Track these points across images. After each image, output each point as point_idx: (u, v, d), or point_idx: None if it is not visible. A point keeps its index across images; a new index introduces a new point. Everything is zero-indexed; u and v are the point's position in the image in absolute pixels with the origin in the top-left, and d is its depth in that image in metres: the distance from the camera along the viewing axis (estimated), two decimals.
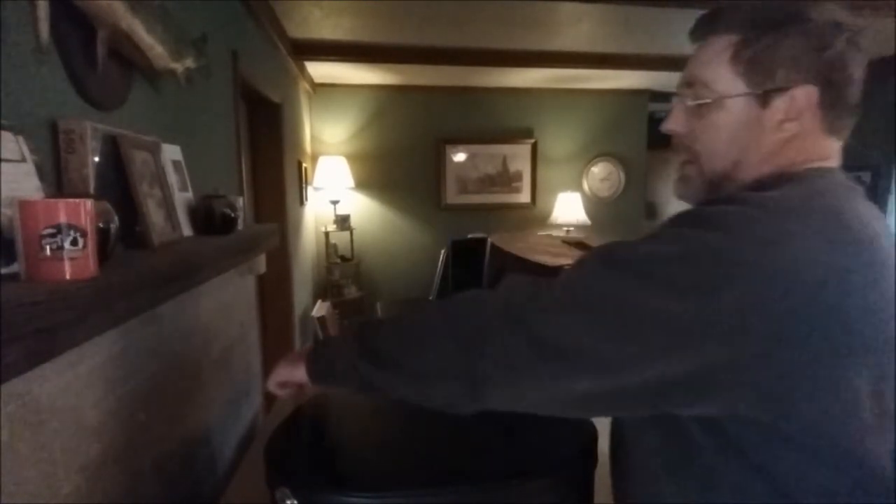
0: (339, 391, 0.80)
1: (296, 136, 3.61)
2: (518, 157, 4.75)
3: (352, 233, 4.34)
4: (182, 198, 1.32)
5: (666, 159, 4.95)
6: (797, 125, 0.66)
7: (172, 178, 1.28)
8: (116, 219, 0.86)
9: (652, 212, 5.78)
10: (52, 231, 0.66)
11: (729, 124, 0.69)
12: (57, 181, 0.90)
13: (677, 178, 0.76)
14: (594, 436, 0.86)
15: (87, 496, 0.87)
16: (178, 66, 1.22)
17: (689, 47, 0.75)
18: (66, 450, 0.81)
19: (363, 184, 4.47)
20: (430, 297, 3.61)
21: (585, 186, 4.91)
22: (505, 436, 0.88)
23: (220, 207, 1.37)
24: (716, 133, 0.70)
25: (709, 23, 0.71)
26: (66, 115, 0.93)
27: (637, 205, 5.04)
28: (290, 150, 3.28)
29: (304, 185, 3.81)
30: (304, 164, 3.84)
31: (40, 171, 0.80)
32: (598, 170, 4.91)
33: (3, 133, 0.73)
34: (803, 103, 0.65)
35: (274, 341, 2.96)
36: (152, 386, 1.12)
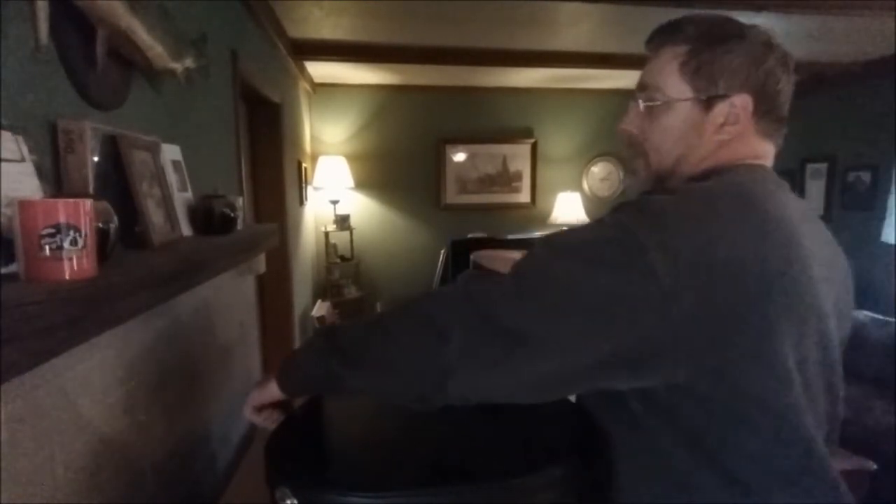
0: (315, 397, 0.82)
1: (296, 136, 3.61)
2: (518, 156, 4.75)
3: (351, 233, 4.34)
4: (181, 198, 1.32)
5: None
6: (735, 129, 0.76)
7: (172, 178, 1.28)
8: (116, 219, 0.86)
9: None
10: (52, 231, 0.66)
11: (675, 125, 0.78)
12: (56, 181, 0.90)
13: (627, 171, 0.93)
14: (595, 432, 0.86)
15: (87, 496, 0.87)
16: (177, 66, 1.22)
17: None
18: (66, 450, 0.81)
19: (363, 184, 4.47)
20: None
21: (585, 186, 4.92)
22: (505, 434, 0.88)
23: (220, 207, 1.37)
24: (663, 133, 0.79)
25: (663, 35, 0.81)
26: (65, 115, 0.93)
27: None
28: (289, 150, 3.28)
29: (303, 185, 3.81)
30: (303, 164, 3.84)
31: (40, 171, 0.80)
32: (598, 169, 4.92)
33: (2, 133, 0.73)
34: (740, 109, 0.75)
35: (274, 341, 2.96)
36: (152, 386, 1.12)
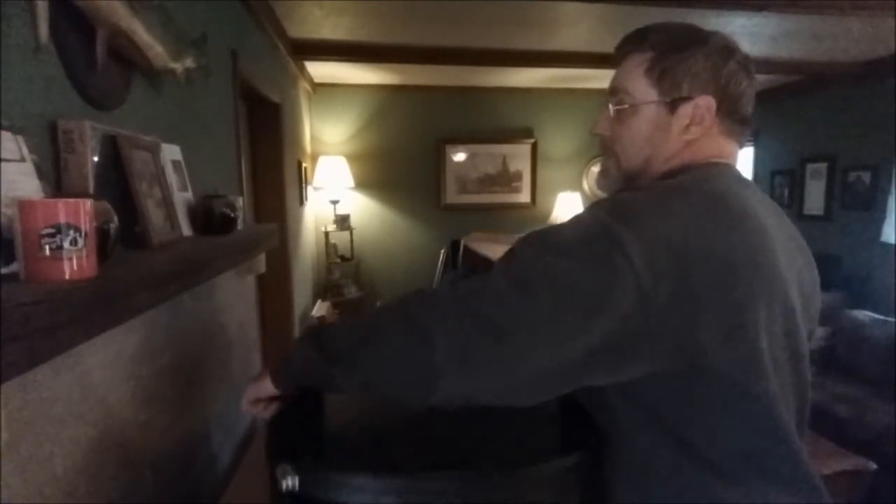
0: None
1: (296, 136, 3.61)
2: (518, 156, 4.75)
3: (352, 232, 4.34)
4: (182, 198, 1.32)
5: None
6: (700, 129, 0.79)
7: (172, 178, 1.28)
8: (116, 219, 0.86)
9: None
10: (52, 231, 0.66)
11: (643, 127, 0.82)
12: (56, 181, 0.90)
13: (599, 171, 0.93)
14: (596, 427, 0.86)
15: (87, 496, 0.87)
16: (177, 66, 1.22)
17: None
18: (66, 450, 0.81)
19: (363, 184, 4.47)
20: None
21: (585, 186, 4.92)
22: (511, 426, 0.88)
23: (220, 207, 1.37)
24: (632, 134, 0.83)
25: (629, 43, 0.84)
26: (65, 115, 0.93)
27: None
28: (289, 150, 3.28)
29: (303, 185, 3.81)
30: (303, 164, 3.84)
31: (40, 171, 0.80)
32: (598, 169, 4.90)
33: (2, 133, 0.73)
34: (705, 110, 0.78)
35: (274, 341, 2.96)
36: (152, 386, 1.12)
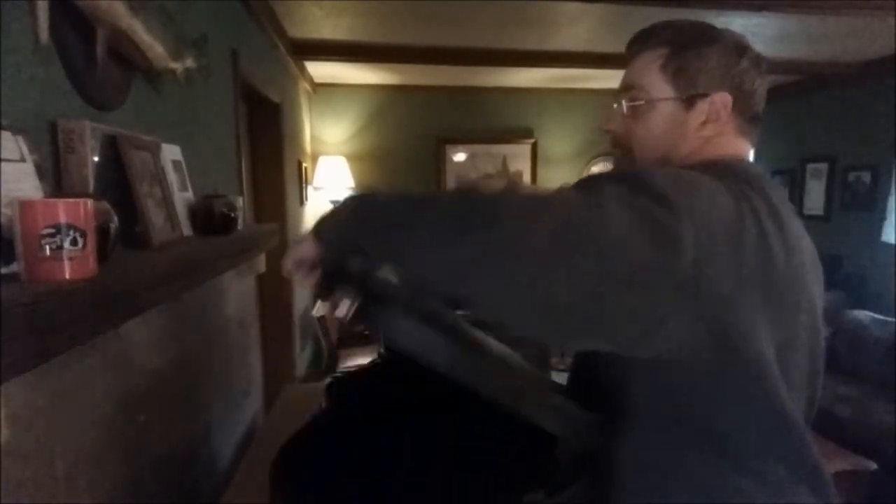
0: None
1: (296, 136, 3.61)
2: (518, 156, 4.75)
3: None
4: (182, 198, 1.32)
5: None
6: (716, 126, 0.78)
7: (172, 178, 1.28)
8: (116, 219, 0.86)
9: None
10: (52, 231, 0.66)
11: (659, 124, 0.80)
12: (56, 181, 0.90)
13: (614, 164, 0.91)
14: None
15: (87, 496, 0.87)
16: (177, 66, 1.22)
17: None
18: (66, 450, 0.81)
19: (363, 184, 4.47)
20: None
21: None
22: (506, 450, 0.89)
23: (220, 207, 1.37)
24: (648, 131, 0.81)
25: (642, 39, 0.84)
26: (65, 115, 0.93)
27: None
28: (290, 150, 3.28)
29: (304, 185, 3.81)
30: (304, 164, 3.84)
31: (40, 171, 0.80)
32: (598, 169, 4.91)
33: (2, 133, 0.73)
34: (720, 107, 0.77)
35: (274, 341, 2.96)
36: (152, 386, 1.12)
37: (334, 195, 4.23)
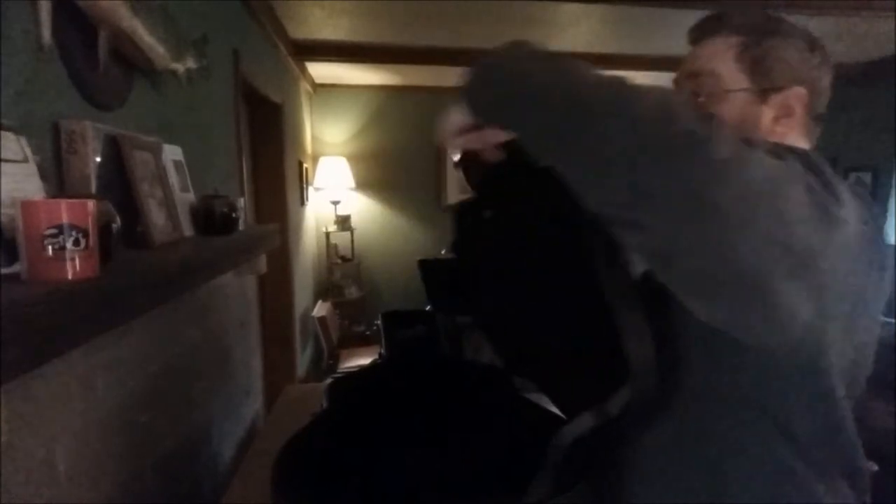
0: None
1: (296, 137, 3.61)
2: None
3: (352, 233, 4.34)
4: (183, 198, 1.32)
5: None
6: (788, 123, 0.74)
7: (173, 179, 1.28)
8: (118, 219, 0.87)
9: None
10: (54, 231, 0.66)
11: (731, 115, 0.73)
12: (58, 181, 0.91)
13: None
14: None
15: (88, 496, 0.87)
16: (178, 67, 1.23)
17: (687, 47, 0.79)
18: (66, 450, 0.82)
19: (364, 184, 4.47)
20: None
21: None
22: (505, 449, 0.89)
23: (221, 208, 1.37)
24: None
25: (713, 24, 0.77)
26: (67, 116, 0.93)
27: None
28: (290, 151, 3.28)
29: (304, 186, 3.82)
30: (304, 165, 3.84)
31: (42, 172, 0.80)
32: None
33: (4, 133, 0.73)
34: (795, 102, 0.73)
35: (274, 341, 2.96)
36: (153, 386, 1.12)
37: (335, 196, 4.24)
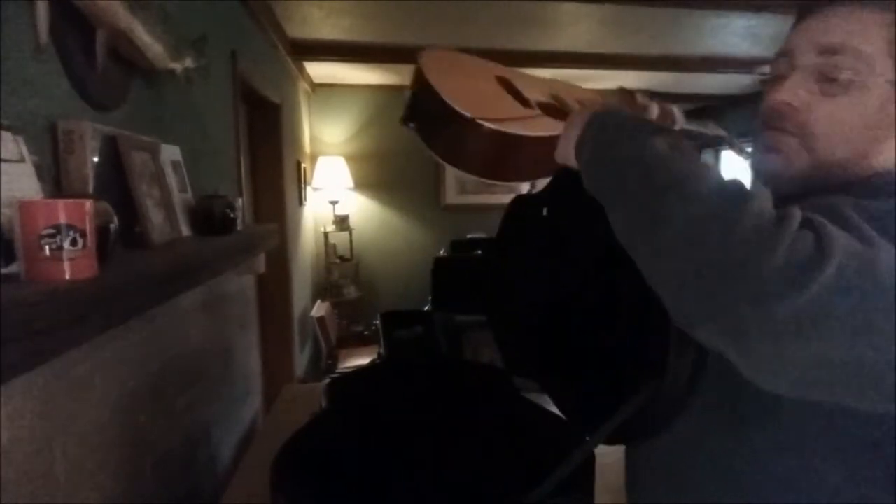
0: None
1: (295, 137, 3.61)
2: None
3: (351, 233, 4.34)
4: (181, 198, 1.32)
5: None
6: None
7: (172, 179, 1.28)
8: (116, 219, 0.86)
9: None
10: (52, 231, 0.66)
11: (868, 109, 0.59)
12: (56, 181, 0.90)
13: (766, 146, 0.65)
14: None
15: (87, 496, 0.87)
16: (177, 67, 1.22)
17: (688, 47, 0.74)
18: (66, 450, 0.81)
19: (362, 184, 4.47)
20: (429, 299, 3.61)
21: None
22: (510, 454, 0.89)
23: (220, 208, 1.37)
24: (849, 115, 0.60)
25: None
26: (65, 116, 0.93)
27: None
28: (289, 151, 3.28)
29: (303, 186, 3.81)
30: (303, 165, 3.84)
31: (40, 172, 0.80)
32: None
33: (2, 133, 0.73)
34: None
35: (273, 341, 2.96)
36: (152, 387, 1.12)
37: (333, 195, 4.24)
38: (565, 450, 0.72)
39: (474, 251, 3.95)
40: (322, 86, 4.32)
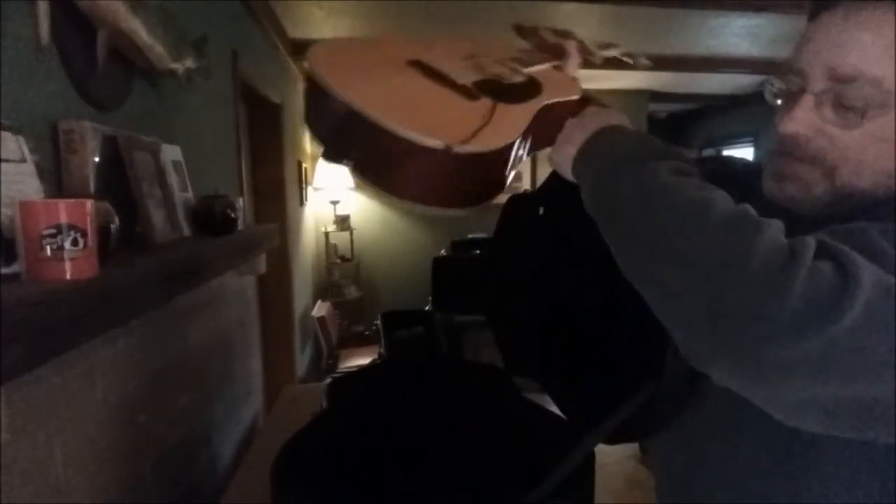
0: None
1: (296, 137, 3.61)
2: None
3: (352, 233, 4.34)
4: (182, 198, 1.32)
5: None
6: None
7: (173, 179, 1.28)
8: (117, 219, 0.86)
9: None
10: (53, 231, 0.66)
11: (887, 133, 0.53)
12: (57, 181, 0.91)
13: (782, 175, 0.60)
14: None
15: (87, 496, 0.87)
16: (178, 67, 1.22)
17: (688, 47, 0.71)
18: (66, 450, 0.82)
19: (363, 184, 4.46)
20: (429, 299, 3.61)
21: None
22: (511, 454, 0.88)
23: (220, 208, 1.37)
24: (872, 141, 0.54)
25: None
26: (66, 116, 0.93)
27: None
28: (290, 151, 3.28)
29: (304, 186, 3.81)
30: (304, 165, 3.84)
31: (41, 172, 0.80)
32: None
33: (3, 133, 0.73)
34: None
35: (274, 341, 2.96)
36: (152, 387, 1.12)
37: (334, 196, 4.24)
38: (565, 450, 0.72)
39: (474, 251, 3.95)
40: None
